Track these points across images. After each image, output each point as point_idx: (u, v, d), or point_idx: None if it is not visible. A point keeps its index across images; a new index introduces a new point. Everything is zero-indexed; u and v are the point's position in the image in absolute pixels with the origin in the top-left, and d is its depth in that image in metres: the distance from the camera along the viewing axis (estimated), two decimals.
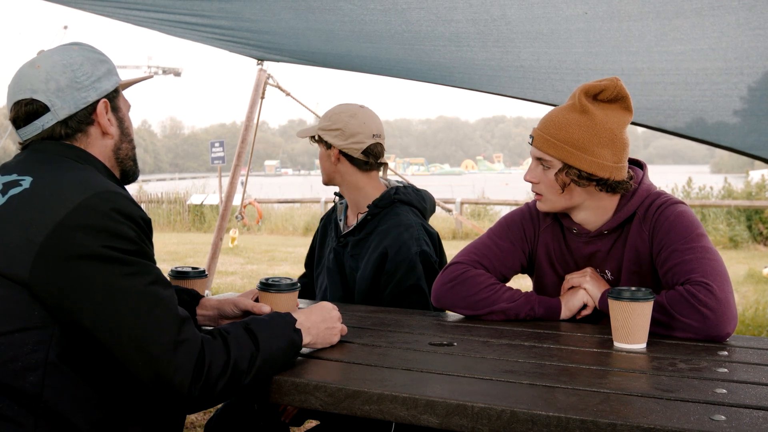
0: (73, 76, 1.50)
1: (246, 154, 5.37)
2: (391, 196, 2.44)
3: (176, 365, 1.31)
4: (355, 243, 2.44)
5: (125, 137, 1.60)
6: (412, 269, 2.28)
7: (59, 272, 1.30)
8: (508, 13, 2.98)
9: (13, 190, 1.39)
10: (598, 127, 1.91)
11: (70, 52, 1.54)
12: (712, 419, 1.21)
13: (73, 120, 1.51)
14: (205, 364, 1.34)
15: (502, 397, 1.32)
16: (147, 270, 1.36)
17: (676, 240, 1.89)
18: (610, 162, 1.92)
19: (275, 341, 1.47)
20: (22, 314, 1.30)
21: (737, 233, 12.52)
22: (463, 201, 15.80)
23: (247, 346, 1.42)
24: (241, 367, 1.39)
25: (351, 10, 3.19)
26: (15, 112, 1.51)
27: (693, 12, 2.74)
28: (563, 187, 1.96)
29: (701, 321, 1.75)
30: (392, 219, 2.38)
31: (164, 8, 3.56)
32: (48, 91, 1.48)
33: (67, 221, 1.31)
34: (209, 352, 1.36)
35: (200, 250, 11.91)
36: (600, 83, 1.93)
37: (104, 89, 1.55)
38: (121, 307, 1.30)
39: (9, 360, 1.29)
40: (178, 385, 1.31)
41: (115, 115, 1.58)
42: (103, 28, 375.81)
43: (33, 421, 1.30)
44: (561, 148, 1.93)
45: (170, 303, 1.36)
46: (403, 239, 2.31)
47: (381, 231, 2.36)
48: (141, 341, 1.30)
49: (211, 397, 1.37)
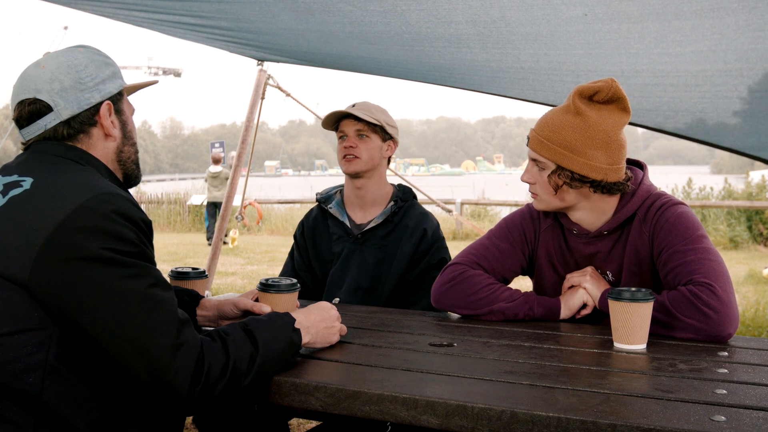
0: (77, 77, 1.51)
1: (246, 155, 5.37)
2: (409, 191, 2.68)
3: (176, 368, 1.31)
4: (384, 234, 2.57)
5: (128, 140, 1.60)
6: (443, 246, 2.58)
7: (59, 274, 1.30)
8: (508, 15, 2.98)
9: (13, 191, 1.39)
10: (591, 129, 1.91)
11: (75, 53, 1.54)
12: (712, 420, 1.21)
13: (76, 121, 1.51)
14: (204, 367, 1.34)
15: (502, 398, 1.33)
16: (147, 272, 1.36)
17: (678, 241, 1.89)
18: (603, 164, 1.92)
19: (274, 342, 1.47)
20: (22, 316, 1.30)
21: (737, 234, 12.52)
22: (463, 201, 15.80)
23: (246, 347, 1.42)
24: (241, 369, 1.39)
25: (351, 12, 3.19)
26: (18, 112, 1.51)
27: (693, 14, 2.74)
28: (556, 188, 1.97)
29: (704, 321, 1.75)
30: (417, 209, 2.63)
31: (164, 9, 3.56)
32: (52, 91, 1.48)
33: (68, 223, 1.31)
34: (209, 355, 1.36)
35: (200, 251, 11.92)
36: (595, 84, 1.93)
37: (108, 91, 1.55)
38: (120, 310, 1.30)
39: (8, 361, 1.29)
40: (177, 387, 1.32)
41: (119, 117, 1.58)
42: (104, 29, 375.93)
43: (32, 422, 1.30)
44: (554, 150, 1.94)
45: (169, 305, 1.36)
46: (436, 223, 2.62)
47: (415, 216, 2.59)
48: (140, 344, 1.30)
49: (211, 399, 1.37)
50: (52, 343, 1.31)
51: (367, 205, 2.63)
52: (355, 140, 2.56)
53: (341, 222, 2.64)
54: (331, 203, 2.69)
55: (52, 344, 1.31)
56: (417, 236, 2.54)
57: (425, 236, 2.54)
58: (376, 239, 2.57)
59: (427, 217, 2.60)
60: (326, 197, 2.73)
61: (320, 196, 2.75)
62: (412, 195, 2.68)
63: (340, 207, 2.68)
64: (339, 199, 2.71)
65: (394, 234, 2.57)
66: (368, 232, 2.58)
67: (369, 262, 2.56)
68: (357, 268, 2.55)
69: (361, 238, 2.58)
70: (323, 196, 2.74)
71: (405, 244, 2.54)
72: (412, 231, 2.55)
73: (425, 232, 2.55)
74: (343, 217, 2.64)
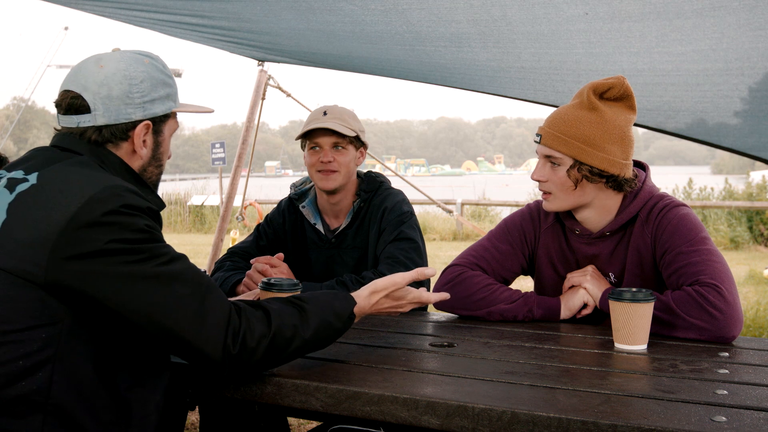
0: (128, 89, 1.49)
1: (247, 155, 5.37)
2: (374, 179, 2.57)
3: (205, 336, 1.35)
4: (355, 233, 2.52)
5: (155, 161, 1.58)
6: (404, 221, 2.44)
7: (77, 270, 1.30)
8: (509, 14, 2.98)
9: (20, 187, 1.39)
10: (608, 123, 1.91)
11: (138, 63, 1.52)
12: (713, 420, 1.21)
13: (108, 130, 1.49)
14: (239, 332, 1.37)
15: (502, 398, 1.32)
16: (159, 252, 1.37)
17: (681, 242, 1.89)
18: (620, 159, 1.92)
19: (323, 327, 1.48)
20: (33, 312, 1.30)
21: (738, 234, 12.51)
22: (464, 202, 15.79)
23: (291, 320, 1.44)
24: (281, 341, 1.42)
25: (352, 11, 3.19)
26: (61, 98, 1.50)
27: (694, 13, 2.74)
28: (576, 183, 1.95)
29: (710, 322, 1.75)
30: (382, 193, 2.53)
31: (165, 9, 3.56)
32: (97, 95, 1.47)
33: (79, 217, 1.31)
34: (244, 321, 1.39)
35: (201, 251, 11.92)
36: (607, 81, 1.94)
37: (153, 112, 1.53)
38: (140, 291, 1.32)
39: (19, 357, 1.30)
40: (210, 353, 1.35)
41: (155, 138, 1.56)
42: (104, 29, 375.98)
43: (41, 417, 1.30)
44: (572, 144, 1.92)
45: (188, 275, 1.38)
46: (399, 198, 2.51)
47: (379, 200, 2.50)
48: (167, 319, 1.33)
49: (251, 365, 1.40)
50: (62, 339, 1.32)
51: (342, 212, 2.57)
52: (332, 153, 2.44)
53: (314, 227, 2.58)
54: (304, 201, 2.61)
55: (61, 340, 1.32)
56: (378, 217, 2.47)
57: (384, 214, 2.46)
58: (349, 239, 2.54)
59: (389, 196, 2.51)
60: (300, 193, 2.64)
61: (294, 193, 2.64)
62: (379, 181, 2.58)
63: (313, 206, 2.60)
64: (313, 198, 2.62)
65: (363, 227, 2.53)
66: (340, 234, 2.54)
67: (349, 263, 2.53)
68: (340, 270, 2.53)
69: (335, 241, 2.55)
70: (296, 193, 2.64)
71: (372, 229, 2.49)
72: (374, 214, 2.49)
73: (385, 210, 2.47)
74: (317, 219, 2.58)
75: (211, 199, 17.06)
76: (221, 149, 14.94)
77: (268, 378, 1.48)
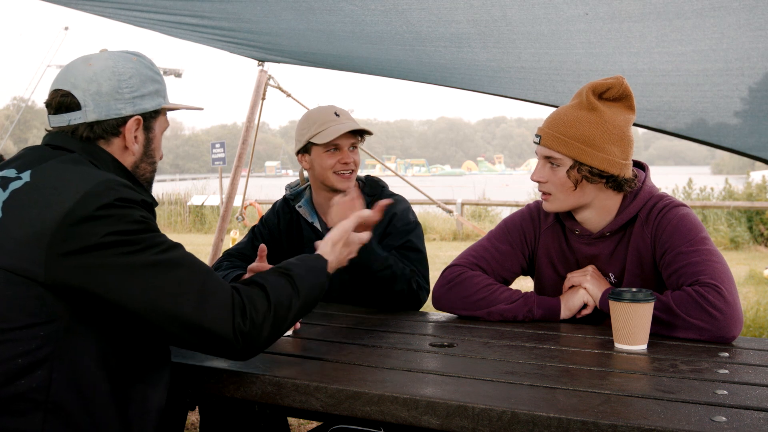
0: (117, 85, 1.50)
1: (247, 155, 5.37)
2: (377, 183, 2.58)
3: (212, 318, 1.37)
4: None
5: (147, 158, 1.59)
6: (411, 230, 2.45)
7: (76, 266, 1.31)
8: (509, 14, 2.98)
9: (13, 185, 1.39)
10: (607, 124, 1.91)
11: (126, 60, 1.54)
12: (713, 420, 1.21)
13: (100, 126, 1.50)
14: (246, 309, 1.40)
15: (502, 398, 1.32)
16: (156, 241, 1.38)
17: (681, 243, 1.89)
18: (619, 159, 1.92)
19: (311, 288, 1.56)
20: (32, 310, 1.31)
21: (738, 234, 12.50)
22: (464, 202, 15.78)
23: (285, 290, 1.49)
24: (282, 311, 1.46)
25: (352, 11, 3.19)
26: (51, 98, 1.52)
27: (694, 13, 2.74)
28: (576, 183, 1.95)
29: (710, 322, 1.75)
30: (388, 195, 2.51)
31: (165, 9, 3.56)
32: (87, 91, 1.48)
33: (75, 213, 1.32)
34: (246, 298, 1.42)
35: (201, 251, 11.91)
36: (606, 81, 1.94)
37: (143, 108, 1.54)
38: (141, 281, 1.33)
39: (18, 355, 1.30)
40: (221, 333, 1.37)
41: (146, 134, 1.57)
42: (104, 29, 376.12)
43: (41, 415, 1.31)
44: (572, 145, 1.92)
45: (185, 261, 1.40)
46: (405, 206, 2.51)
47: None
48: (171, 305, 1.34)
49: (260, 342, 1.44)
50: (60, 337, 1.32)
51: None
52: (350, 153, 2.46)
53: (312, 225, 2.57)
54: (300, 201, 2.60)
55: (60, 338, 1.32)
56: (385, 220, 2.43)
57: (393, 219, 2.44)
58: None
59: (397, 202, 2.50)
60: (296, 194, 2.63)
61: (290, 194, 2.64)
62: (381, 185, 2.57)
63: (310, 206, 2.59)
64: (309, 198, 2.61)
65: None
66: None
67: None
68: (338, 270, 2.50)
69: None
70: (292, 194, 2.63)
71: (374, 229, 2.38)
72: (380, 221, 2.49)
73: (394, 216, 2.45)
74: (314, 218, 2.57)
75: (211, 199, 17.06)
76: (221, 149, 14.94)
77: (268, 378, 1.48)
